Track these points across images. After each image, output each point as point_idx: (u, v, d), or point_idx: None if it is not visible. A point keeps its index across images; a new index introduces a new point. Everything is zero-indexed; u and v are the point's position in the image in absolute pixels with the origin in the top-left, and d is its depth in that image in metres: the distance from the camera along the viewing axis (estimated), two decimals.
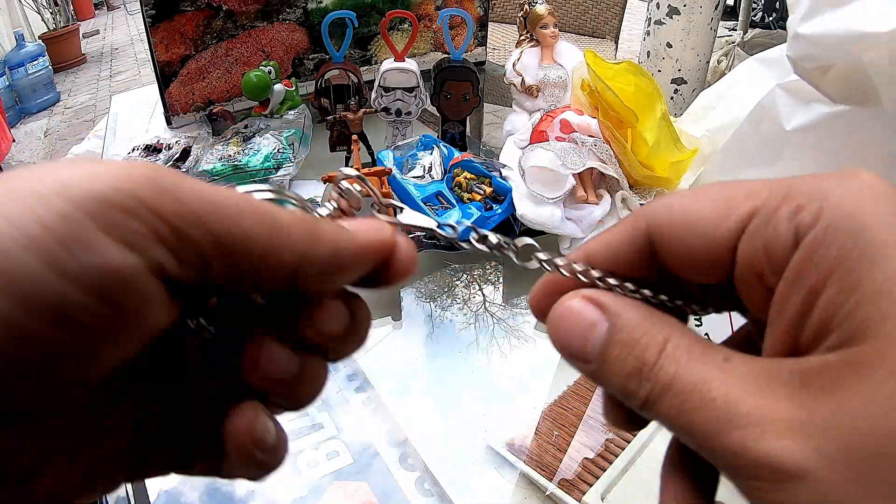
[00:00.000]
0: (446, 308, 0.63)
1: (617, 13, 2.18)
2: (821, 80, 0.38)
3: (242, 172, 0.73)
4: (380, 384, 0.54)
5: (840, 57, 0.36)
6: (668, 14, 1.64)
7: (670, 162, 0.60)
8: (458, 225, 0.21)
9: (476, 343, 0.58)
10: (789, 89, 0.45)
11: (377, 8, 1.00)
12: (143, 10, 0.84)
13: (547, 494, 0.44)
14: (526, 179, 0.63)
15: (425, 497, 0.45)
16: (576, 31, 2.26)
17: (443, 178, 0.71)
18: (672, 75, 1.71)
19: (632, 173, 0.62)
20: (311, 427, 0.50)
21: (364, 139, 0.81)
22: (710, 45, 1.69)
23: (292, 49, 0.97)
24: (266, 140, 0.77)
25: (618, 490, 0.44)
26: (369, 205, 0.21)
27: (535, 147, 0.65)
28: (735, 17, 3.15)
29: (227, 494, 0.45)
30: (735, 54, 2.50)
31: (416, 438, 0.49)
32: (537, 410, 0.51)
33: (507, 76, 0.84)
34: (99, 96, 3.29)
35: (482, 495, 0.45)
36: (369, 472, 0.46)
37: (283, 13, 0.94)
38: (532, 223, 0.61)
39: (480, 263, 0.70)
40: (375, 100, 0.82)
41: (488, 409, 0.52)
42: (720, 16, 1.66)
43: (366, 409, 0.52)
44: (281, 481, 0.46)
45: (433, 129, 0.99)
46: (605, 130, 0.62)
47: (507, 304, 0.64)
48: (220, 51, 0.91)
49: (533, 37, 0.83)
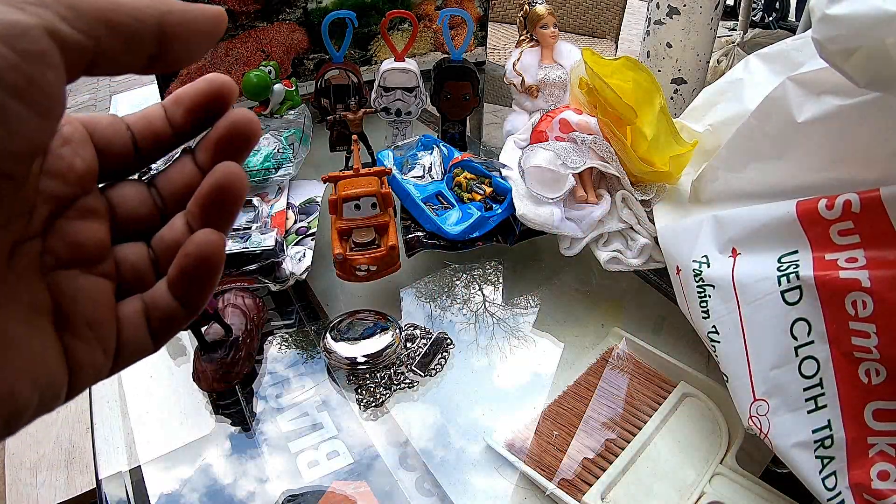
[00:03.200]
0: (446, 308, 0.63)
1: (617, 13, 2.18)
2: (846, 62, 0.37)
3: None
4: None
5: (867, 39, 0.36)
6: (668, 14, 1.63)
7: (670, 156, 0.60)
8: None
9: (476, 343, 0.58)
10: (800, 81, 0.45)
11: (377, 8, 1.00)
12: None
13: (547, 494, 0.44)
14: (526, 179, 0.63)
15: (425, 497, 0.45)
16: (576, 31, 2.26)
17: (443, 178, 0.71)
18: (672, 75, 1.71)
19: (632, 170, 0.62)
20: (311, 427, 0.50)
21: (364, 139, 0.81)
22: (710, 45, 1.69)
23: (292, 49, 0.97)
24: (266, 140, 0.77)
25: (618, 490, 0.44)
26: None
27: (534, 147, 0.65)
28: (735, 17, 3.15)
29: (227, 495, 0.45)
30: (735, 54, 2.50)
31: (416, 438, 0.49)
32: (537, 410, 0.51)
33: (507, 76, 0.84)
34: (99, 96, 3.29)
35: (482, 495, 0.45)
36: (369, 472, 0.46)
37: (283, 13, 0.94)
38: (532, 223, 0.61)
39: (480, 263, 0.70)
40: (375, 100, 0.82)
41: (488, 409, 0.52)
42: (720, 16, 1.65)
43: (366, 409, 0.52)
44: (281, 481, 0.46)
45: (433, 129, 0.99)
46: (605, 128, 0.62)
47: (507, 304, 0.64)
48: (220, 51, 0.91)
49: (533, 37, 0.83)
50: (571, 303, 0.64)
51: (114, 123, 0.22)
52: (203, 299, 0.21)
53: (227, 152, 0.21)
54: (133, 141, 0.22)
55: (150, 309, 0.21)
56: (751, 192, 0.50)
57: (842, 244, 0.40)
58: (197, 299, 0.21)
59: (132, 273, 0.21)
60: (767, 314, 0.43)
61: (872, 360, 0.38)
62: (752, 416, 0.43)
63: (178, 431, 0.50)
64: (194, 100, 0.21)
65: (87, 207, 0.21)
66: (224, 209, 0.21)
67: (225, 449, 0.49)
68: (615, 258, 0.61)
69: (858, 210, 0.39)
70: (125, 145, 0.22)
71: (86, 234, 0.20)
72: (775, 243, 0.44)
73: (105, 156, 0.21)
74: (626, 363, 0.54)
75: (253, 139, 0.21)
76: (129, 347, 0.21)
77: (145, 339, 0.21)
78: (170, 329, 0.21)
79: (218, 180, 0.20)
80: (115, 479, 0.46)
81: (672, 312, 0.58)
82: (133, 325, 0.21)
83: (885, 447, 0.37)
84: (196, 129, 0.22)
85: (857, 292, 0.38)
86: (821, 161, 0.44)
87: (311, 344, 0.59)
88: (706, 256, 0.49)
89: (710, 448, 0.47)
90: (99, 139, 0.21)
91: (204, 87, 0.21)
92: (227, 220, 0.21)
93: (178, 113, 0.22)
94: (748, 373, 0.44)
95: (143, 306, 0.21)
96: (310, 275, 0.62)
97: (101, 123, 0.22)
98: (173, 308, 0.21)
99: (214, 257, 0.20)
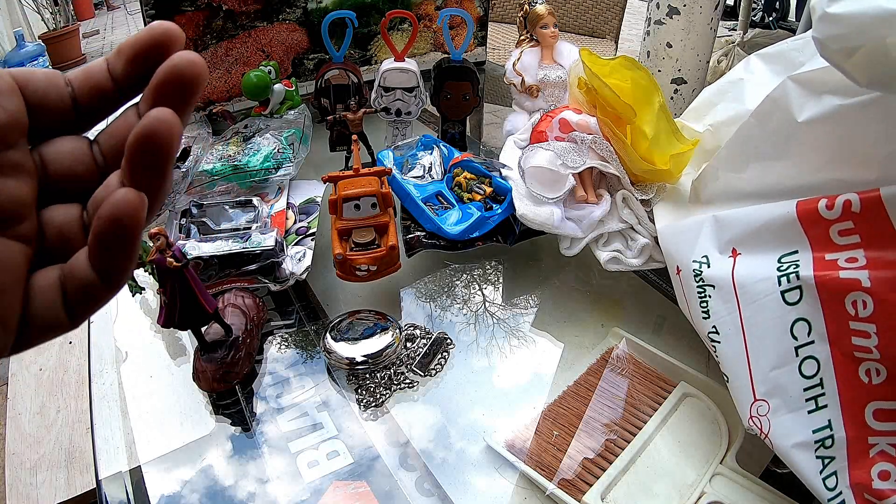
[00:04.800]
0: (446, 308, 0.63)
1: (617, 13, 2.18)
2: (846, 61, 0.37)
3: (242, 172, 0.73)
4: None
5: (868, 38, 0.35)
6: (668, 14, 1.63)
7: (671, 154, 0.60)
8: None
9: (476, 343, 0.58)
10: (801, 81, 0.44)
11: (377, 8, 1.00)
12: (143, 10, 0.84)
13: (547, 494, 0.44)
14: (526, 179, 0.63)
15: (426, 497, 0.45)
16: (576, 31, 2.26)
17: (443, 178, 0.71)
18: (672, 75, 1.70)
19: (632, 168, 0.62)
20: (311, 427, 0.50)
21: (364, 139, 0.81)
22: (710, 45, 1.69)
23: (292, 49, 0.97)
24: (266, 140, 0.77)
25: (618, 490, 0.44)
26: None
27: (534, 147, 0.65)
28: (735, 17, 3.15)
29: (227, 496, 0.45)
30: (735, 54, 2.50)
31: (416, 438, 0.49)
32: (537, 410, 0.51)
33: (507, 76, 0.84)
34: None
35: (482, 495, 0.45)
36: (369, 472, 0.46)
37: (283, 13, 0.94)
38: (532, 223, 0.61)
39: (480, 263, 0.70)
40: (375, 100, 0.82)
41: (488, 410, 0.52)
42: (720, 16, 1.65)
43: (366, 409, 0.51)
44: (281, 481, 0.46)
45: (433, 129, 0.99)
46: (604, 127, 0.62)
47: (507, 304, 0.64)
48: (220, 51, 0.91)
49: (533, 37, 0.83)
50: (571, 303, 0.64)
51: (50, 77, 0.20)
52: (122, 269, 0.19)
53: (169, 98, 0.19)
54: (73, 97, 0.20)
55: (66, 280, 0.19)
56: (751, 192, 0.50)
57: (842, 244, 0.40)
58: (116, 270, 0.19)
59: (58, 238, 0.19)
60: (768, 314, 0.43)
61: (873, 360, 0.38)
62: (753, 417, 0.43)
63: (178, 431, 0.50)
64: (136, 49, 0.20)
65: (9, 163, 0.19)
66: (150, 161, 0.18)
67: (225, 449, 0.49)
68: (615, 258, 0.61)
69: (858, 210, 0.39)
70: (62, 100, 0.20)
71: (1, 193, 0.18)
72: (775, 243, 0.44)
73: (40, 110, 0.20)
74: (626, 363, 0.54)
75: (197, 82, 0.19)
76: (37, 321, 0.19)
77: (59, 313, 0.19)
78: (87, 304, 0.19)
79: (144, 128, 0.18)
80: (115, 479, 0.46)
81: (672, 312, 0.58)
82: (45, 298, 0.19)
83: (886, 447, 0.37)
84: (142, 82, 0.20)
85: (857, 292, 0.38)
86: (821, 161, 0.44)
87: (311, 344, 0.59)
88: (706, 256, 0.49)
89: (710, 448, 0.47)
90: (32, 93, 0.20)
91: (144, 36, 0.19)
92: (156, 175, 0.18)
93: (119, 64, 0.20)
94: (748, 373, 0.44)
95: (61, 276, 0.19)
96: (310, 275, 0.62)
97: (36, 76, 0.20)
98: (91, 279, 0.19)
99: (130, 219, 0.18)
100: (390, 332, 0.56)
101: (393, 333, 0.56)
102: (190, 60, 0.19)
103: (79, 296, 0.19)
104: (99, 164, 0.20)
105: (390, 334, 0.56)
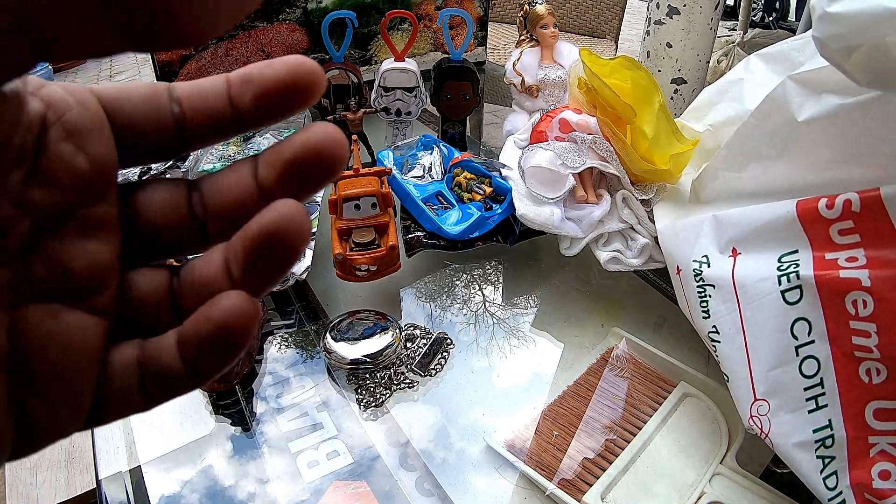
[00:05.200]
0: (446, 308, 0.63)
1: (617, 13, 2.18)
2: (846, 61, 0.37)
3: None
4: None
5: (868, 37, 0.35)
6: (668, 14, 1.63)
7: (671, 154, 0.60)
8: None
9: (476, 343, 0.58)
10: (801, 80, 0.44)
11: (377, 8, 1.00)
12: None
13: (547, 494, 0.44)
14: (526, 179, 0.63)
15: (426, 497, 0.45)
16: (576, 31, 2.26)
17: (443, 178, 0.71)
18: (672, 75, 1.70)
19: (632, 168, 0.62)
20: (311, 427, 0.50)
21: (364, 139, 0.81)
22: (710, 45, 1.69)
23: (292, 49, 0.97)
24: (266, 140, 0.77)
25: (618, 490, 0.44)
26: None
27: (534, 147, 0.65)
28: (735, 17, 3.15)
29: (227, 496, 0.45)
30: (735, 54, 2.50)
31: (416, 438, 0.49)
32: (537, 410, 0.51)
33: (507, 76, 0.84)
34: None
35: (482, 495, 0.45)
36: (369, 472, 0.46)
37: (283, 13, 0.94)
38: (532, 223, 0.61)
39: (480, 263, 0.70)
40: (375, 100, 0.82)
41: (488, 409, 0.51)
42: (720, 16, 1.65)
43: (366, 409, 0.51)
44: (281, 481, 0.46)
45: (433, 129, 0.99)
46: (604, 127, 0.62)
47: (506, 304, 0.64)
48: (220, 51, 0.91)
49: (533, 37, 0.83)
50: (571, 303, 0.64)
51: (151, 98, 0.17)
52: (215, 370, 0.16)
53: (299, 180, 0.16)
54: (177, 118, 0.17)
55: (148, 363, 0.16)
56: (751, 192, 0.50)
57: (842, 244, 0.40)
58: (208, 370, 0.16)
59: (140, 309, 0.17)
60: (768, 314, 0.43)
61: (873, 360, 0.38)
62: (753, 416, 0.43)
63: (178, 431, 0.50)
64: (272, 84, 0.16)
65: (93, 220, 0.16)
66: (272, 265, 0.16)
67: (225, 449, 0.49)
68: (615, 258, 0.61)
69: (859, 209, 0.39)
70: (164, 126, 0.17)
71: (79, 258, 0.16)
72: (775, 243, 0.44)
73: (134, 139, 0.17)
74: (626, 363, 0.54)
75: (338, 167, 0.16)
76: (111, 403, 0.16)
77: (134, 397, 0.16)
78: (167, 394, 0.17)
79: (271, 225, 0.15)
80: (115, 479, 0.46)
81: (672, 312, 0.58)
82: (122, 379, 0.16)
83: (886, 447, 0.37)
84: (262, 118, 0.17)
85: (857, 292, 0.38)
86: (821, 160, 0.44)
87: (311, 344, 0.59)
88: (706, 256, 0.49)
89: (710, 448, 0.47)
90: (125, 119, 0.16)
91: (284, 72, 0.16)
92: (272, 278, 0.16)
93: (248, 95, 0.17)
94: (748, 373, 0.44)
95: (140, 356, 0.16)
96: (310, 275, 0.62)
97: (132, 98, 0.17)
98: (177, 371, 0.16)
99: (240, 332, 0.15)
100: (390, 332, 0.56)
101: (393, 333, 0.56)
102: (336, 141, 0.16)
103: (159, 383, 0.16)
104: (197, 216, 0.17)
105: (390, 334, 0.56)
